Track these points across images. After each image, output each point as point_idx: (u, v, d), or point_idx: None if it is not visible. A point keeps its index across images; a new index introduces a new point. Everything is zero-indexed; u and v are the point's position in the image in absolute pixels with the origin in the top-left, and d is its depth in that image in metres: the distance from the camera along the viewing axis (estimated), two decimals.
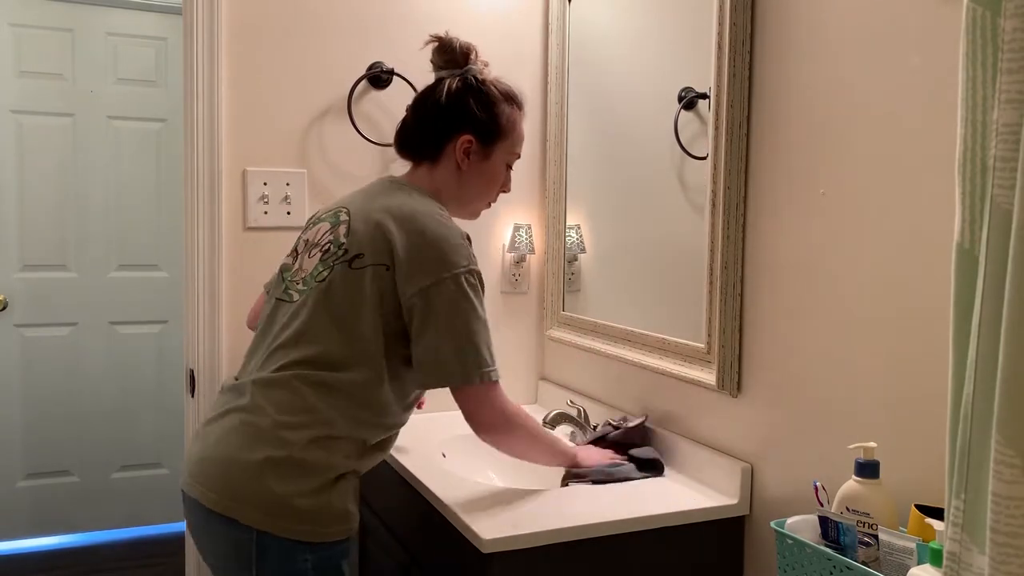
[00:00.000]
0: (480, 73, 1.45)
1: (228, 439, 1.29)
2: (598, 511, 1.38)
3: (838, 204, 1.26)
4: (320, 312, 1.32)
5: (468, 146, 1.42)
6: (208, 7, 1.81)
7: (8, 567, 3.02)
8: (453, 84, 1.42)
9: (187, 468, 1.33)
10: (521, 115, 1.48)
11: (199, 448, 1.34)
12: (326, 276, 1.33)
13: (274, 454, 1.25)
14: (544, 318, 2.12)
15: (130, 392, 3.28)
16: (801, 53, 1.32)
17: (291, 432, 1.26)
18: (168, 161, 3.23)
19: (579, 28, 1.98)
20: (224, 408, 1.35)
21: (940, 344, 1.08)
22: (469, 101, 1.42)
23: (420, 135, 1.45)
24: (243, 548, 1.24)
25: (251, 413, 1.29)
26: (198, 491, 1.28)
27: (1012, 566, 0.74)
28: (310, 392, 1.29)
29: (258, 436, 1.27)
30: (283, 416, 1.27)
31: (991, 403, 0.76)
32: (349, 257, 1.33)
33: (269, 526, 1.23)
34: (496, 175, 1.48)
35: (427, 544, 1.56)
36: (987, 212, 0.77)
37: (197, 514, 1.30)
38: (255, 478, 1.24)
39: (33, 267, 3.13)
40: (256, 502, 1.24)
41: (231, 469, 1.26)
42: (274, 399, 1.29)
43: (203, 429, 1.37)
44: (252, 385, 1.32)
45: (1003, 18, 0.75)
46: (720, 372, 1.47)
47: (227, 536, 1.26)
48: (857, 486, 1.11)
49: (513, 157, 1.49)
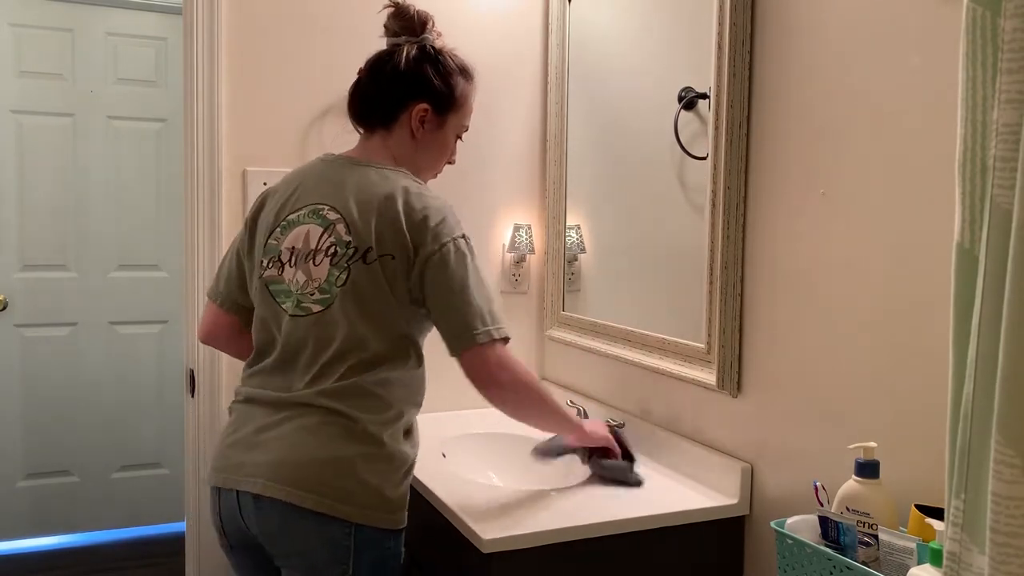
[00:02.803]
0: (435, 43, 1.44)
1: (310, 440, 1.28)
2: (598, 511, 1.38)
3: (838, 204, 1.26)
4: (354, 314, 1.32)
5: (424, 115, 1.41)
6: (208, 7, 1.82)
7: (8, 567, 3.02)
8: (411, 52, 1.41)
9: (250, 472, 1.29)
10: (473, 89, 1.48)
11: (262, 454, 1.30)
12: (346, 278, 1.33)
13: (367, 449, 1.29)
14: (544, 318, 2.12)
15: (130, 392, 3.28)
16: (801, 53, 1.32)
17: (377, 428, 1.31)
18: (168, 161, 3.23)
19: (579, 28, 1.98)
20: (281, 416, 1.32)
21: (940, 344, 1.08)
22: (427, 70, 1.40)
23: (378, 101, 1.43)
24: (339, 543, 1.26)
25: (330, 414, 1.30)
26: (284, 492, 1.26)
27: (1012, 566, 0.74)
28: (382, 391, 1.32)
29: (347, 435, 1.29)
30: (367, 415, 1.30)
31: (991, 403, 0.76)
32: (360, 254, 1.33)
33: (368, 518, 1.27)
34: (446, 145, 1.47)
35: (427, 544, 1.56)
36: (987, 212, 0.77)
37: (278, 516, 1.28)
38: (351, 474, 1.27)
39: (33, 267, 3.12)
40: (355, 497, 1.26)
41: (322, 467, 1.27)
42: (350, 403, 1.30)
43: (256, 437, 1.33)
44: (318, 395, 1.31)
45: (1003, 18, 0.75)
46: (720, 372, 1.47)
47: (319, 533, 1.26)
48: (857, 486, 1.11)
49: (462, 129, 1.49)
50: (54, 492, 3.22)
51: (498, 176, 2.11)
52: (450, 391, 1.59)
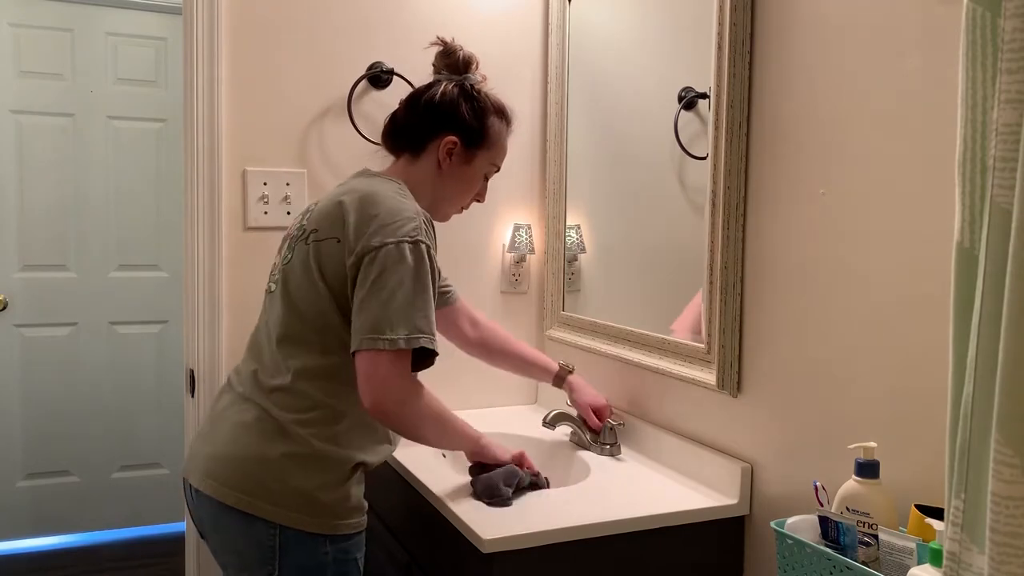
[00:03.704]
0: (477, 84, 1.49)
1: (243, 436, 1.30)
2: (598, 511, 1.38)
3: (838, 204, 1.26)
4: (287, 296, 1.34)
5: (452, 147, 1.44)
6: (208, 7, 1.81)
7: (8, 567, 3.02)
8: (449, 87, 1.46)
9: (197, 464, 1.33)
10: (509, 131, 1.52)
11: (208, 444, 1.34)
12: (290, 258, 1.37)
13: (294, 449, 1.28)
14: (544, 318, 2.12)
15: (130, 392, 3.28)
16: (801, 53, 1.32)
17: (306, 428, 1.29)
18: (168, 161, 3.23)
19: (579, 28, 1.98)
20: (229, 404, 1.37)
21: (940, 343, 1.08)
22: (462, 105, 1.44)
23: (407, 127, 1.47)
24: (264, 544, 1.26)
25: (264, 411, 1.31)
26: (212, 487, 1.28)
27: (1012, 566, 0.74)
28: (314, 389, 1.31)
29: (276, 432, 1.29)
30: (296, 414, 1.30)
31: (991, 403, 0.76)
32: (306, 234, 1.35)
33: (292, 521, 1.26)
34: (473, 181, 1.50)
35: (427, 544, 1.56)
36: (987, 212, 0.77)
37: (209, 511, 1.30)
38: (277, 474, 1.26)
39: (33, 267, 3.13)
40: (279, 497, 1.26)
41: (249, 465, 1.28)
42: (280, 401, 1.31)
43: (209, 426, 1.38)
44: (256, 390, 1.34)
45: (1003, 18, 0.75)
46: (720, 372, 1.47)
47: (245, 532, 1.27)
48: (857, 486, 1.11)
49: (493, 169, 1.52)
50: (54, 492, 3.22)
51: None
52: (450, 392, 1.59)
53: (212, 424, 1.38)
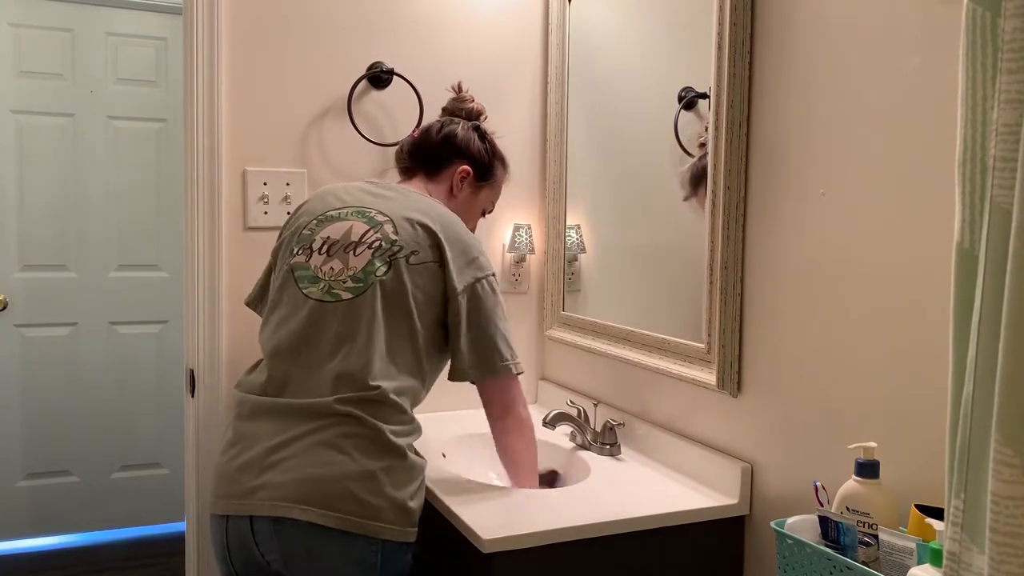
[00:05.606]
0: (488, 132, 1.67)
1: (333, 455, 1.26)
2: (598, 511, 1.38)
3: (838, 204, 1.26)
4: (382, 307, 1.35)
5: (465, 175, 1.60)
6: (208, 7, 1.81)
7: (8, 567, 3.02)
8: (467, 126, 1.63)
9: (272, 494, 1.25)
10: (507, 177, 1.70)
11: (281, 472, 1.26)
12: (387, 270, 1.37)
13: (394, 461, 1.30)
14: (544, 318, 2.12)
15: (130, 392, 3.28)
16: (801, 53, 1.32)
17: (402, 439, 1.32)
18: (168, 161, 3.23)
19: (579, 28, 1.98)
20: (298, 431, 1.29)
21: (940, 344, 1.08)
22: (479, 143, 1.63)
23: (431, 149, 1.60)
24: (366, 561, 1.26)
25: (352, 424, 1.28)
26: (311, 514, 1.22)
27: (1012, 566, 0.74)
28: (401, 399, 1.35)
29: (374, 445, 1.28)
30: (389, 424, 1.31)
31: (990, 403, 0.76)
32: (406, 253, 1.38)
33: (392, 534, 1.27)
34: (475, 212, 1.66)
35: (427, 544, 1.55)
36: (987, 212, 0.77)
37: (302, 540, 1.24)
38: (377, 487, 1.26)
39: (33, 267, 3.13)
40: (379, 512, 1.26)
41: (349, 483, 1.25)
42: (373, 411, 1.30)
43: (269, 457, 1.28)
44: (339, 402, 1.29)
45: (1003, 18, 0.75)
46: (720, 372, 1.47)
47: (346, 553, 1.24)
48: (857, 486, 1.11)
49: (489, 206, 1.69)
50: (54, 492, 3.22)
51: None
52: (450, 392, 1.59)
53: (270, 454, 1.28)
